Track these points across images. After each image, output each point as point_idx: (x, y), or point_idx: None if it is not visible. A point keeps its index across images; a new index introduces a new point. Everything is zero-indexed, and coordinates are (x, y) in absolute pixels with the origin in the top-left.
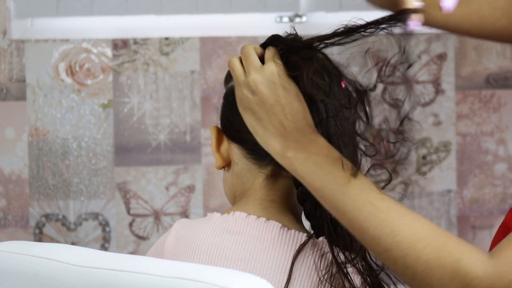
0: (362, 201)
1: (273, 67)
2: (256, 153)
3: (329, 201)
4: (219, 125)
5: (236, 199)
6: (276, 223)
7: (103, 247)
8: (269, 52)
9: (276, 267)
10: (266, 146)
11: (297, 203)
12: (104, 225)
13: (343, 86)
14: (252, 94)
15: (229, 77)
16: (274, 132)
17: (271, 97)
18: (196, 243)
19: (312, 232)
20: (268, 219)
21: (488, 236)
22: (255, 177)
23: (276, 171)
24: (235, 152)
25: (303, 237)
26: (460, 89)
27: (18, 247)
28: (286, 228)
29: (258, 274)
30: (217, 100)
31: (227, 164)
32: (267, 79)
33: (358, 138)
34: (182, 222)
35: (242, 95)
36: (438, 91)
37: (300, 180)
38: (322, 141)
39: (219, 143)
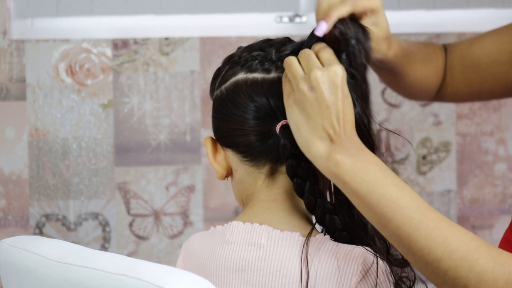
0: (411, 209)
1: (340, 70)
2: (250, 154)
3: (375, 208)
4: (212, 136)
5: (244, 205)
6: (266, 227)
7: (103, 247)
8: (330, 54)
9: (272, 272)
10: (308, 146)
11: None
12: (104, 225)
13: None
14: (310, 90)
15: (213, 88)
16: (322, 134)
17: (330, 99)
18: (198, 257)
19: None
20: (261, 224)
21: (488, 236)
22: (255, 180)
23: (274, 168)
24: (232, 159)
25: (296, 236)
26: None
27: (20, 241)
28: (278, 231)
29: (255, 283)
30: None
31: (228, 173)
32: (330, 80)
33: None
34: (189, 240)
35: (297, 89)
36: None
37: (340, 186)
38: (368, 151)
39: (214, 153)
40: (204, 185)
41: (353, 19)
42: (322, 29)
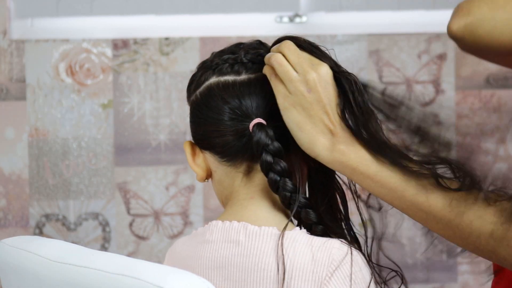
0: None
1: (327, 68)
2: (227, 154)
3: (387, 183)
4: (191, 140)
5: (224, 204)
6: (244, 223)
7: (103, 247)
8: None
9: (251, 267)
10: (313, 142)
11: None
12: (104, 225)
13: None
14: (309, 92)
15: (189, 94)
16: (323, 130)
17: (326, 97)
18: (180, 259)
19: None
20: (239, 221)
21: None
22: (233, 179)
23: (251, 167)
24: (211, 160)
25: (272, 231)
26: (460, 89)
27: (20, 242)
28: (255, 226)
29: (236, 279)
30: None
31: (208, 175)
32: (323, 79)
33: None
34: (172, 245)
35: (295, 91)
36: (438, 91)
37: (349, 174)
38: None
39: (193, 156)
40: (204, 185)
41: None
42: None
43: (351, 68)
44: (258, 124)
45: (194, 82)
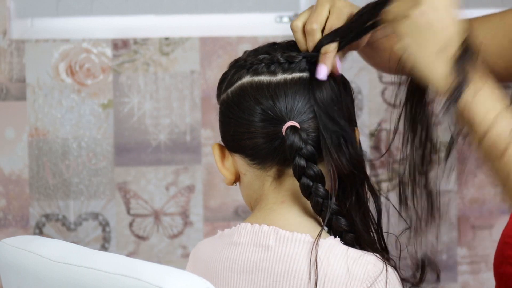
0: None
1: None
2: (257, 157)
3: None
4: (219, 142)
5: (253, 208)
6: (275, 228)
7: (103, 247)
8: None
9: (280, 273)
10: (431, 67)
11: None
12: (104, 225)
13: None
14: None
15: (219, 92)
16: (443, 56)
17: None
18: (203, 260)
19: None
20: (269, 225)
21: (488, 236)
22: (263, 182)
23: (281, 171)
24: (240, 163)
25: (305, 238)
26: None
27: (20, 241)
28: (286, 232)
29: (263, 284)
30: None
31: (237, 179)
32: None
33: None
34: (196, 246)
35: (418, 13)
36: None
37: (470, 104)
38: None
39: (222, 159)
40: (204, 185)
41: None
42: (325, 73)
43: (351, 68)
44: (292, 127)
45: (226, 80)
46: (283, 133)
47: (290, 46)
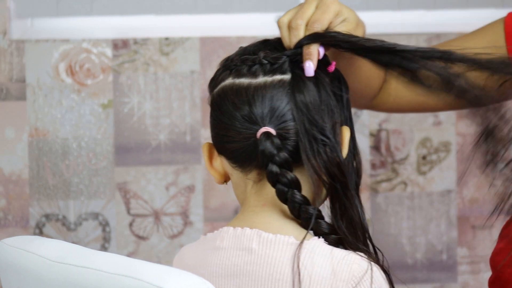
0: None
1: None
2: (237, 160)
3: None
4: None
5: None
6: (257, 231)
7: (103, 247)
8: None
9: (264, 277)
10: None
11: None
12: (104, 225)
13: None
14: None
15: (209, 91)
16: None
17: None
18: (190, 266)
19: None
20: (251, 228)
21: (488, 236)
22: (246, 185)
23: (261, 175)
24: (226, 164)
25: (288, 239)
26: None
27: (20, 242)
28: (270, 234)
29: (248, 287)
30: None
31: (226, 178)
32: None
33: None
34: (180, 251)
35: None
36: None
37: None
38: None
39: (210, 159)
40: (204, 185)
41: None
42: (312, 69)
43: None
44: (265, 133)
45: (214, 80)
46: (257, 138)
47: (278, 45)
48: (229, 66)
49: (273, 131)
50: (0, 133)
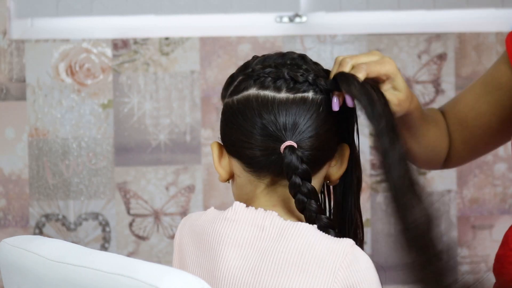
0: None
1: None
2: (253, 166)
3: None
4: (219, 140)
5: None
6: (271, 212)
7: (103, 247)
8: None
9: (271, 254)
10: None
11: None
12: (104, 225)
13: None
14: None
15: (224, 94)
16: None
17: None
18: (196, 231)
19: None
20: (266, 210)
21: (488, 236)
22: (256, 187)
23: (275, 181)
24: (236, 166)
25: (297, 224)
26: (460, 89)
27: (21, 241)
28: (281, 218)
29: (252, 260)
30: (217, 100)
31: (231, 177)
32: None
33: None
34: (186, 217)
35: None
36: (438, 91)
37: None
38: None
39: (220, 157)
40: (204, 185)
41: (373, 86)
42: (337, 104)
43: None
44: (290, 146)
45: (232, 86)
46: (281, 151)
47: (297, 61)
48: (252, 75)
49: (295, 145)
50: (0, 133)
